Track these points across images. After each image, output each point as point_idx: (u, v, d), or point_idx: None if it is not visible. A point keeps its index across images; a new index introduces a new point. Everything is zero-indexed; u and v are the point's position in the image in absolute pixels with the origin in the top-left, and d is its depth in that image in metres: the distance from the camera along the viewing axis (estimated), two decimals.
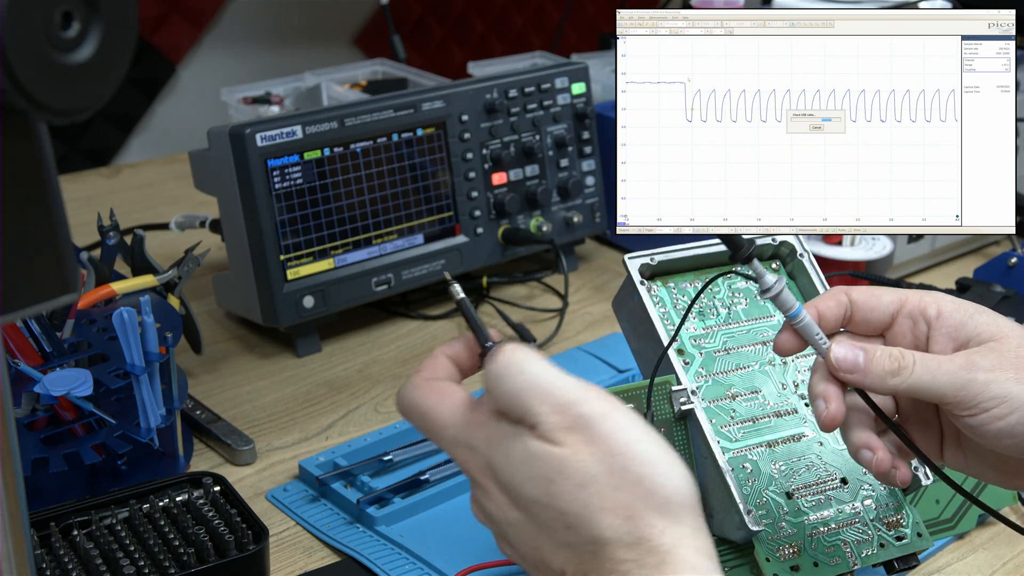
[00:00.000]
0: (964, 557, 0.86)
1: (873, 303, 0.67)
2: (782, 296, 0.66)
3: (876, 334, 0.67)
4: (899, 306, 0.67)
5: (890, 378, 0.63)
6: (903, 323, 0.66)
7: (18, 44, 0.41)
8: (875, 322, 0.67)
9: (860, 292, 0.67)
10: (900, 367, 0.63)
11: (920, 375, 0.63)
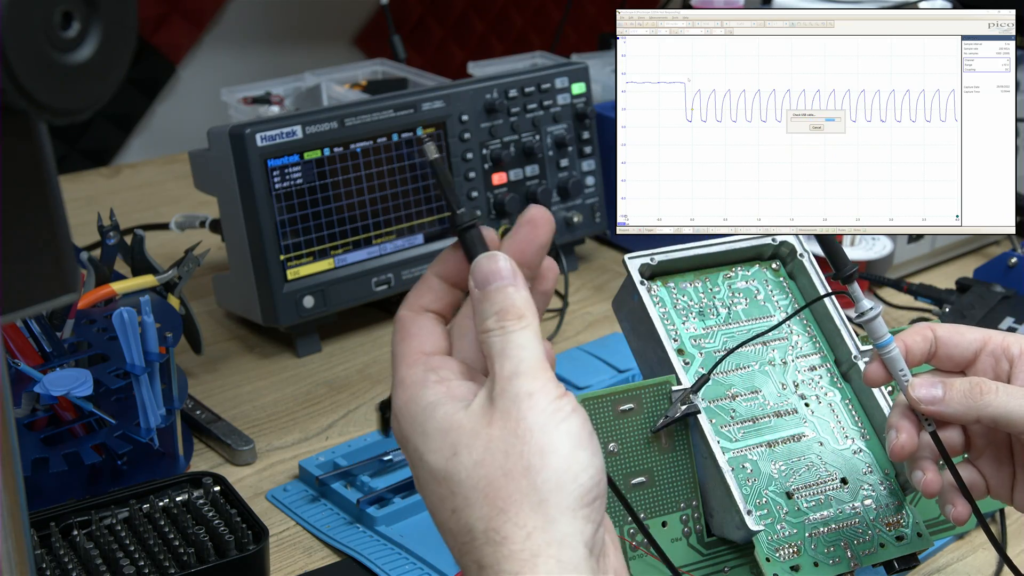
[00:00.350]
0: (964, 557, 0.86)
1: (957, 339, 0.68)
2: (876, 323, 0.68)
3: (958, 370, 0.69)
4: (982, 344, 0.68)
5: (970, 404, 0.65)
6: (985, 361, 0.68)
7: (18, 44, 0.41)
8: (958, 359, 0.69)
9: (944, 329, 0.69)
10: (982, 392, 0.65)
11: (1002, 401, 0.64)
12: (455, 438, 0.54)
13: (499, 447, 0.53)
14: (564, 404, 0.54)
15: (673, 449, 0.76)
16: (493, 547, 0.51)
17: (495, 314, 0.56)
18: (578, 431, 0.54)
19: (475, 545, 0.52)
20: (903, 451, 0.67)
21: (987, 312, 1.08)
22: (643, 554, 0.77)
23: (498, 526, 0.52)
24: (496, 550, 0.51)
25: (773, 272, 0.84)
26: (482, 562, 0.52)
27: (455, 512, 0.53)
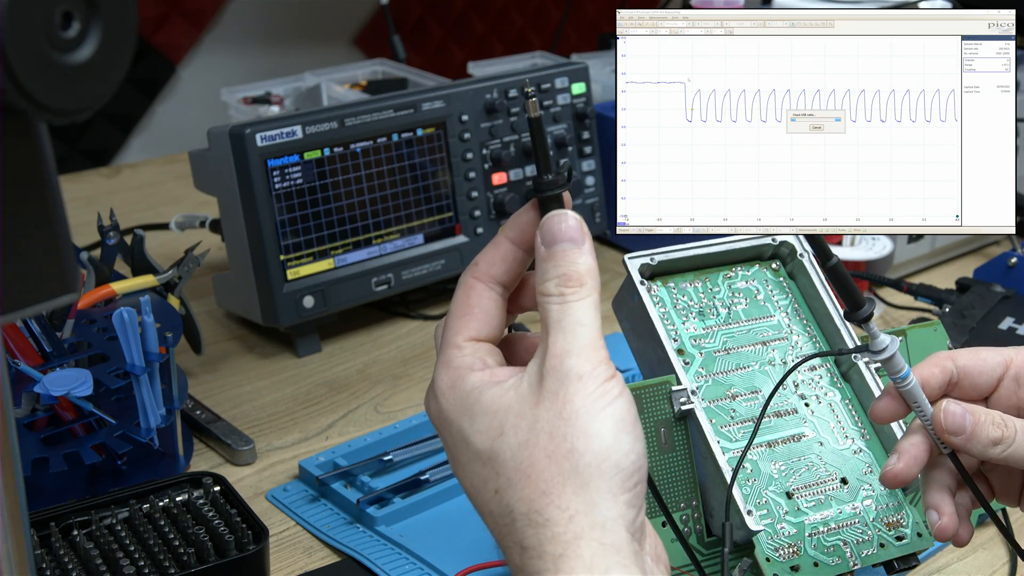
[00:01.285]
0: (964, 557, 0.86)
1: (980, 367, 0.67)
2: (895, 359, 0.66)
3: (981, 398, 0.68)
4: (1005, 368, 0.67)
5: (992, 447, 0.64)
6: (1008, 386, 0.67)
7: (18, 44, 0.41)
8: (983, 387, 0.67)
9: (965, 357, 0.67)
10: (1003, 436, 0.64)
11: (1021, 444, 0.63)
12: (502, 418, 0.53)
13: (544, 428, 0.52)
14: (611, 387, 0.53)
15: (673, 449, 0.76)
16: (535, 528, 0.51)
17: (557, 277, 0.55)
18: (623, 415, 0.53)
19: (516, 527, 0.52)
20: (896, 479, 0.65)
21: (987, 312, 1.08)
22: None
23: (540, 508, 0.51)
24: (538, 532, 0.51)
25: (773, 272, 0.84)
26: (524, 543, 0.51)
27: (497, 493, 0.53)
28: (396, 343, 1.17)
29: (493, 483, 0.53)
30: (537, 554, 0.51)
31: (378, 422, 1.03)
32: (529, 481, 0.52)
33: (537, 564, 0.51)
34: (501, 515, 0.53)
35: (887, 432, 0.78)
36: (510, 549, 0.53)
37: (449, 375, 0.56)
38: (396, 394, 1.08)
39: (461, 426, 0.55)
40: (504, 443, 0.53)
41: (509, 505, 0.52)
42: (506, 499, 0.52)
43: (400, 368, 1.12)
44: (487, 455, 0.53)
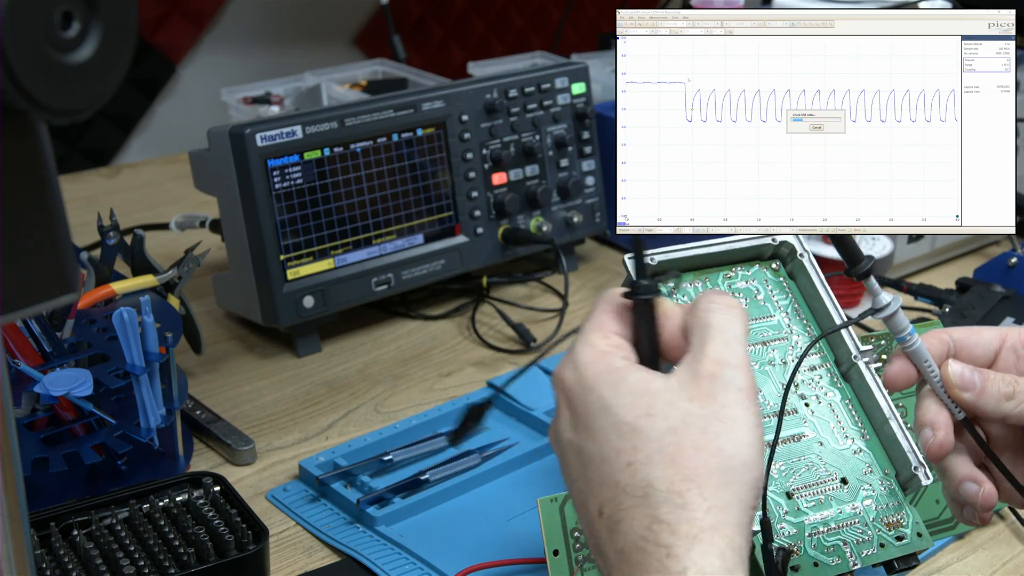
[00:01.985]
0: (964, 557, 0.86)
1: (976, 339, 0.68)
2: (896, 317, 0.66)
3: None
4: (1001, 341, 0.68)
5: (1005, 401, 0.64)
6: (1007, 357, 0.68)
7: (18, 44, 0.41)
8: (980, 357, 0.68)
9: (960, 331, 0.68)
10: (1015, 391, 0.64)
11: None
12: (650, 400, 0.56)
13: (696, 423, 0.55)
14: (759, 410, 0.58)
15: None
16: (672, 508, 0.54)
17: (718, 299, 0.60)
18: (762, 436, 0.57)
19: (651, 500, 0.55)
20: (942, 450, 0.65)
21: (987, 312, 1.08)
22: None
23: (682, 490, 0.54)
24: (676, 512, 0.54)
25: (773, 272, 0.84)
26: (659, 516, 0.54)
27: (631, 465, 0.55)
28: (396, 343, 1.17)
29: (628, 456, 0.56)
30: (671, 530, 0.54)
31: (378, 422, 1.03)
32: (673, 464, 0.55)
33: (669, 539, 0.54)
34: (631, 486, 0.55)
35: (887, 432, 0.78)
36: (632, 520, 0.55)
37: (592, 352, 0.59)
38: (396, 394, 1.08)
39: (603, 394, 0.57)
40: (651, 423, 0.56)
41: (646, 479, 0.55)
42: (642, 473, 0.55)
43: (400, 368, 1.12)
44: (629, 428, 0.56)
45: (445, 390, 1.09)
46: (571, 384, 0.59)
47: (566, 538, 0.76)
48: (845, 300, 1.20)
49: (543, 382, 1.06)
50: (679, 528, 0.54)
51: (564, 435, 0.59)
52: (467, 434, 0.68)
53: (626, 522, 0.55)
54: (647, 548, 0.54)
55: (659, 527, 0.54)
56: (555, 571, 0.75)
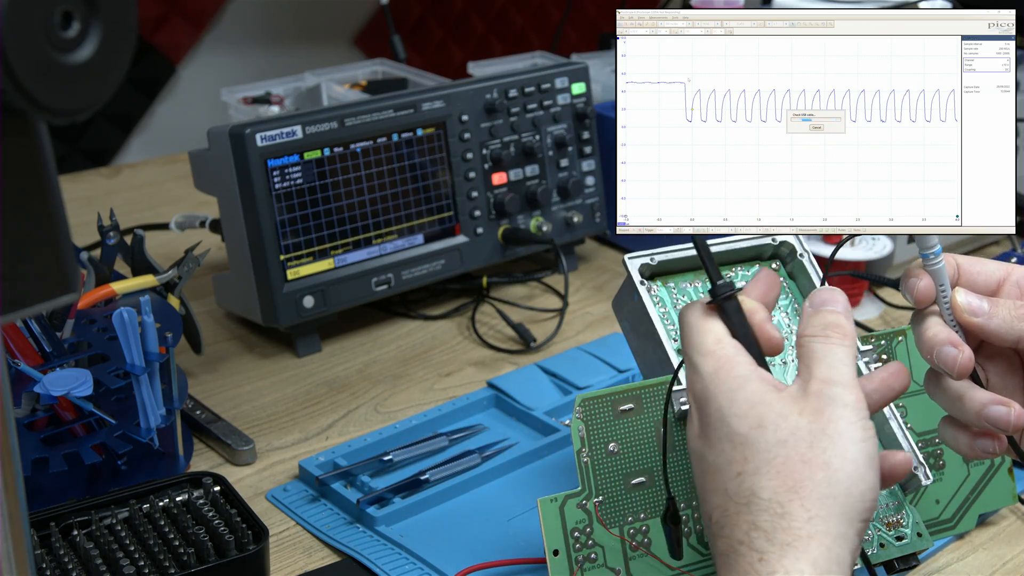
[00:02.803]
0: (964, 557, 0.86)
1: (979, 267, 0.69)
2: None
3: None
4: (1006, 274, 0.68)
5: (1017, 322, 0.65)
6: (1011, 291, 0.68)
7: (18, 44, 0.41)
8: (982, 286, 0.68)
9: (966, 259, 0.69)
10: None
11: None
12: (762, 412, 0.58)
13: (804, 436, 0.57)
14: (869, 426, 0.59)
15: (673, 449, 0.76)
16: (772, 516, 0.56)
17: (823, 325, 0.62)
18: (873, 454, 0.58)
19: (753, 508, 0.56)
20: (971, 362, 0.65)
21: None
22: (643, 554, 0.77)
23: (784, 500, 0.56)
24: (775, 520, 0.56)
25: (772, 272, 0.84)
26: (757, 523, 0.56)
27: (740, 475, 0.57)
28: (396, 343, 1.17)
29: (739, 466, 0.58)
30: (767, 537, 0.55)
31: (378, 422, 1.03)
32: (779, 475, 0.56)
33: (763, 544, 0.55)
34: (737, 494, 0.57)
35: (887, 432, 0.78)
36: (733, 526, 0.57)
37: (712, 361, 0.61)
38: (396, 394, 1.08)
39: (720, 404, 0.60)
40: (762, 435, 0.58)
41: (752, 489, 0.57)
42: (749, 483, 0.57)
43: (400, 368, 1.12)
44: (742, 439, 0.58)
45: (445, 390, 1.09)
46: (698, 393, 0.62)
47: (566, 538, 0.76)
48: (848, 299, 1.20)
49: (543, 382, 1.06)
50: (775, 536, 0.56)
51: (692, 442, 0.62)
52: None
53: (729, 527, 0.57)
54: (741, 551, 0.56)
55: (756, 533, 0.56)
56: (555, 571, 0.75)
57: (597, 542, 0.76)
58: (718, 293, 0.64)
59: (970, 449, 0.68)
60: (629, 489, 0.76)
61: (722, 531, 0.58)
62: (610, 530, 0.76)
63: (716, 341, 0.62)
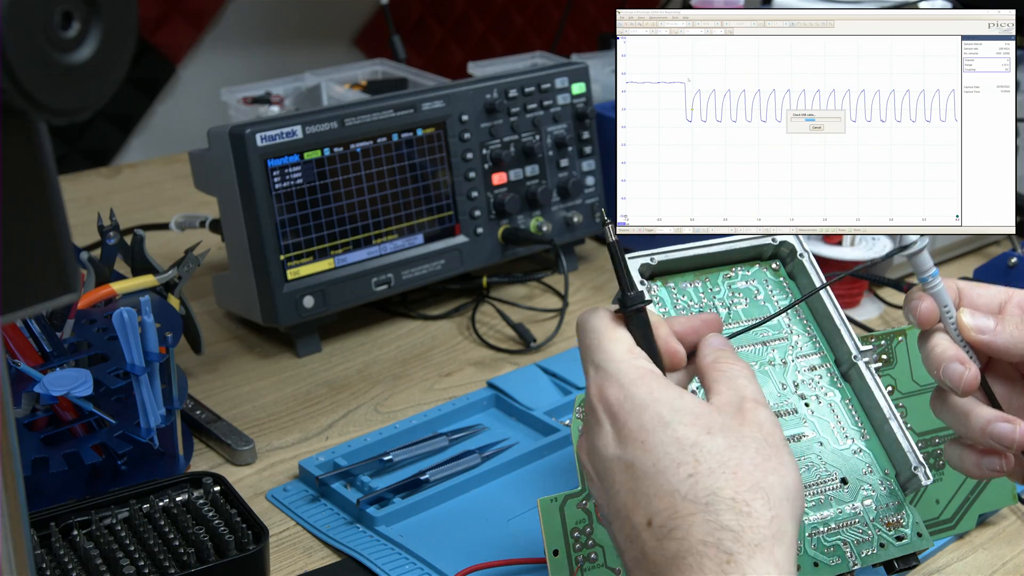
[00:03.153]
0: (964, 557, 0.86)
1: (980, 291, 0.69)
2: (922, 256, 0.67)
3: None
4: (1007, 297, 0.69)
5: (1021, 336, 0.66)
6: (1014, 312, 0.68)
7: (18, 44, 0.41)
8: (983, 308, 0.69)
9: (965, 283, 0.70)
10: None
11: None
12: (708, 421, 0.60)
13: (751, 444, 0.59)
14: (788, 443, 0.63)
15: None
16: (737, 515, 0.57)
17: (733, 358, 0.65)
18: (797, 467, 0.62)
19: (714, 508, 0.57)
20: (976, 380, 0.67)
21: None
22: None
23: (748, 500, 0.57)
24: (741, 519, 0.57)
25: (773, 272, 0.84)
26: (721, 523, 0.57)
27: (692, 476, 0.58)
28: (396, 343, 1.17)
29: (689, 468, 0.58)
30: (735, 537, 0.56)
31: (378, 422, 1.03)
32: (736, 477, 0.58)
33: (732, 545, 0.56)
34: (691, 493, 0.58)
35: (887, 432, 0.78)
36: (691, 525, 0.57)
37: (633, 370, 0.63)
38: (396, 394, 1.08)
39: (660, 411, 0.60)
40: (712, 440, 0.59)
41: (711, 488, 0.58)
42: (705, 483, 0.58)
43: (400, 368, 1.12)
44: (690, 443, 0.59)
45: (445, 390, 1.09)
46: (617, 401, 0.62)
47: (566, 538, 0.76)
48: (845, 300, 1.20)
49: (543, 382, 1.06)
50: (743, 535, 0.56)
51: (608, 451, 0.61)
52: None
53: (682, 528, 0.57)
54: (707, 552, 0.56)
55: (722, 533, 0.56)
56: (555, 571, 0.75)
57: (597, 542, 0.76)
58: (628, 303, 0.65)
59: (977, 468, 0.68)
60: None
61: (672, 533, 0.57)
62: None
63: (628, 350, 0.63)
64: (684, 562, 0.56)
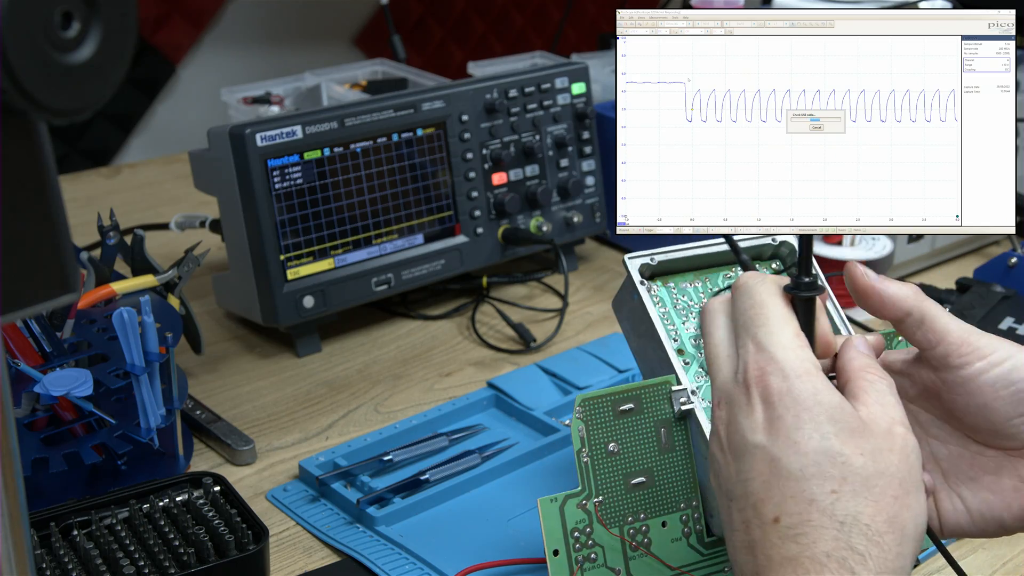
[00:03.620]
0: (964, 557, 0.86)
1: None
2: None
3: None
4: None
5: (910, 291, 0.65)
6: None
7: (18, 44, 0.41)
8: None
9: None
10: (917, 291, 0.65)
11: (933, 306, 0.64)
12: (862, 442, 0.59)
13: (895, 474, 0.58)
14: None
15: (673, 449, 0.76)
16: (869, 543, 0.56)
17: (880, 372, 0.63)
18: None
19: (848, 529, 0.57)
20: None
21: (987, 312, 1.08)
22: (643, 554, 0.77)
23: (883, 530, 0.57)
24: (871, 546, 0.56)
25: (773, 272, 0.84)
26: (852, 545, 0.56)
27: (835, 493, 0.57)
28: (396, 343, 1.17)
29: (834, 484, 0.58)
30: (861, 560, 0.56)
31: (378, 422, 1.03)
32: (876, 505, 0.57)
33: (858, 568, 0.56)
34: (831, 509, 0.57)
35: None
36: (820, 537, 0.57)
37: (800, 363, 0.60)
38: (396, 394, 1.08)
39: (819, 418, 0.59)
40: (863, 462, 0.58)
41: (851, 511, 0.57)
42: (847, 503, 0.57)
43: (400, 368, 1.12)
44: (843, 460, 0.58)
45: (445, 390, 1.09)
46: (778, 391, 0.60)
47: (566, 538, 0.76)
48: (845, 300, 1.20)
49: (543, 382, 1.06)
50: (869, 562, 0.56)
51: (753, 436, 0.60)
52: None
53: (810, 536, 0.57)
54: (829, 565, 0.56)
55: (848, 554, 0.56)
56: (555, 571, 0.75)
57: (597, 542, 0.76)
58: (804, 288, 0.63)
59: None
60: (629, 489, 0.76)
61: (798, 538, 0.57)
62: (610, 530, 0.76)
63: (796, 335, 0.61)
64: (802, 566, 0.56)
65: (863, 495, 0.57)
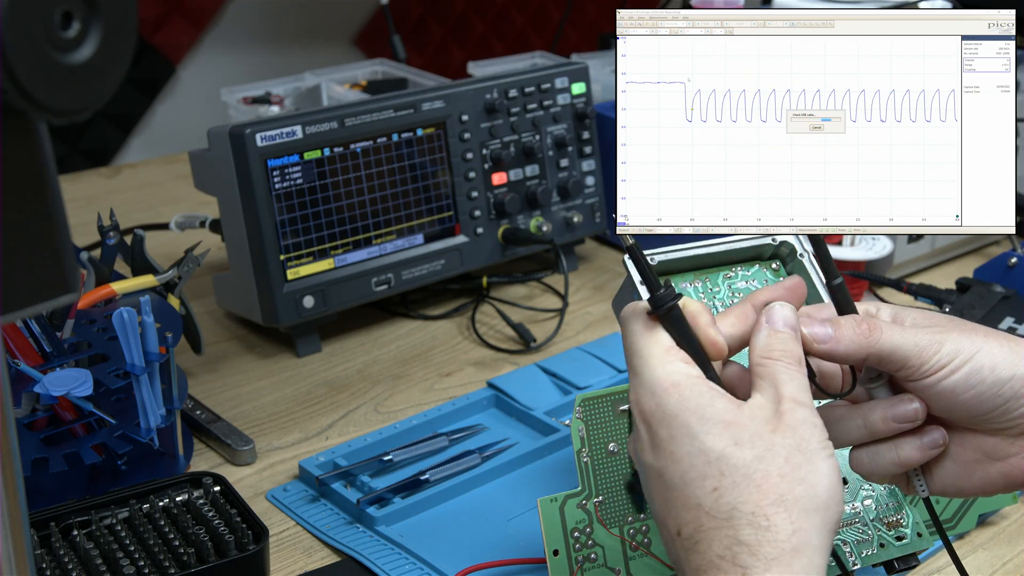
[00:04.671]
0: (964, 557, 0.86)
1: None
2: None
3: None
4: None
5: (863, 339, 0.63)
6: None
7: (18, 44, 0.41)
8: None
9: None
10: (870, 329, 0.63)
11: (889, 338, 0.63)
12: (736, 431, 0.59)
13: (780, 452, 0.58)
14: (830, 444, 0.60)
15: None
16: (755, 530, 0.56)
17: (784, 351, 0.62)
18: (837, 470, 0.59)
19: (734, 523, 0.57)
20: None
21: (987, 312, 1.08)
22: (643, 554, 0.77)
23: (769, 514, 0.56)
24: (758, 533, 0.56)
25: (773, 272, 0.84)
26: (739, 538, 0.56)
27: (716, 490, 0.58)
28: (396, 343, 1.17)
29: (714, 481, 0.58)
30: (750, 551, 0.56)
31: (378, 422, 1.03)
32: (759, 489, 0.57)
33: (748, 560, 0.56)
34: (715, 509, 0.57)
35: None
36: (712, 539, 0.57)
37: (667, 378, 0.61)
38: (396, 394, 1.08)
39: (688, 422, 0.59)
40: (739, 452, 0.58)
41: (732, 503, 0.57)
42: (728, 497, 0.57)
43: (400, 368, 1.12)
44: (717, 455, 0.58)
45: (445, 390, 1.09)
46: (650, 410, 0.61)
47: (566, 538, 0.76)
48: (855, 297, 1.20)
49: (543, 382, 1.06)
50: (759, 550, 0.56)
51: (644, 457, 0.61)
52: None
53: (704, 543, 0.57)
54: (722, 566, 0.56)
55: (738, 548, 0.56)
56: (555, 571, 0.75)
57: (597, 542, 0.76)
58: (659, 303, 0.62)
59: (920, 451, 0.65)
60: (628, 489, 0.76)
61: (696, 546, 0.58)
62: (610, 530, 0.76)
63: (665, 352, 0.62)
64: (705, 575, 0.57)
65: (743, 484, 0.57)
